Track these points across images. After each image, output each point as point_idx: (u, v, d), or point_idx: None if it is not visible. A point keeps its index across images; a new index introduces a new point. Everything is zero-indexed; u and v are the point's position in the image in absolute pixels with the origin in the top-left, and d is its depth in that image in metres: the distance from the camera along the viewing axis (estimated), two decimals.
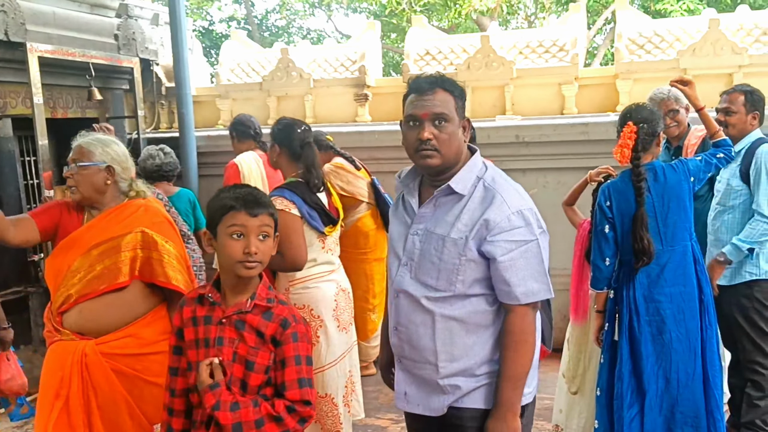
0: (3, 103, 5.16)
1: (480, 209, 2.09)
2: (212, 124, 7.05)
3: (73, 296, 2.73)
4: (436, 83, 2.11)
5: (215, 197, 2.12)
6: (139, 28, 6.42)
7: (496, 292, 2.12)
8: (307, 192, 3.39)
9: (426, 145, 2.07)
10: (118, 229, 2.78)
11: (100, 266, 2.72)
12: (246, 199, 2.06)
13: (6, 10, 4.90)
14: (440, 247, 2.10)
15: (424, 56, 6.57)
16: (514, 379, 2.10)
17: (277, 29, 21.69)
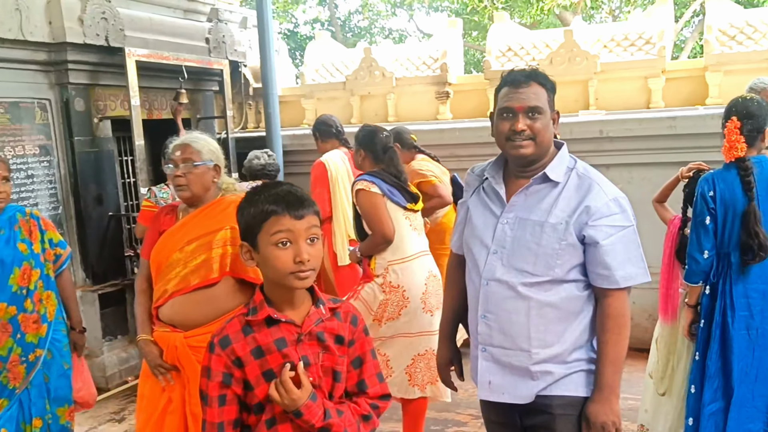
0: (103, 105, 5.45)
1: (577, 196, 2.16)
2: (297, 124, 7.24)
3: (169, 291, 2.85)
4: (530, 77, 2.18)
5: (249, 201, 1.81)
6: (229, 31, 6.65)
7: (591, 278, 2.18)
8: (384, 175, 3.66)
9: (520, 135, 2.15)
10: (211, 225, 2.87)
11: (193, 262, 2.83)
12: (288, 200, 1.76)
13: (107, 18, 5.18)
14: (538, 233, 2.15)
15: (506, 52, 6.56)
16: (617, 361, 2.15)
17: (359, 30, 21.95)
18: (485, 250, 2.26)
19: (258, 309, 1.82)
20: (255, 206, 1.78)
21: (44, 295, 3.39)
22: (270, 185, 1.85)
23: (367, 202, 3.56)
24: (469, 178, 2.45)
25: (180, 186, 2.88)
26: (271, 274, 1.79)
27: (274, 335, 1.80)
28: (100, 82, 5.37)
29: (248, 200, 1.82)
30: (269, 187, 1.83)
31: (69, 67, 5.04)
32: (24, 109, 4.91)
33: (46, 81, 5.05)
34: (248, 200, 1.82)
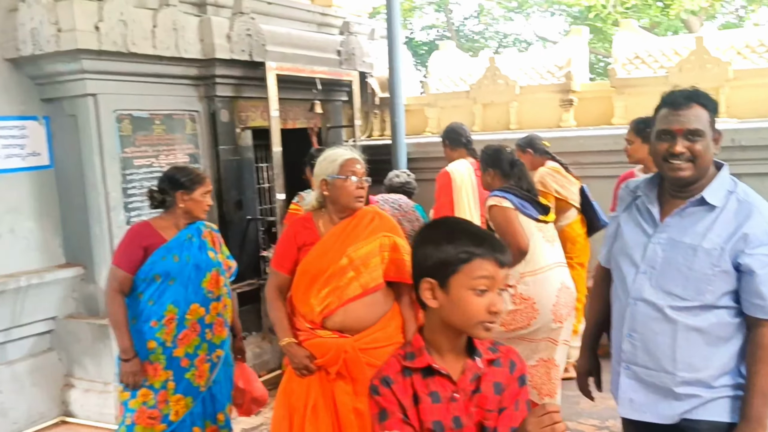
0: (245, 116, 5.83)
1: (735, 222, 2.11)
2: (420, 132, 7.42)
3: (342, 299, 3.01)
4: (691, 98, 2.15)
5: (445, 237, 1.67)
6: (358, 43, 6.93)
7: (744, 306, 2.13)
8: (517, 190, 3.77)
9: (678, 158, 2.14)
10: (366, 234, 3.08)
11: (358, 271, 3.02)
12: (493, 245, 1.64)
13: (251, 34, 5.55)
14: (690, 257, 2.13)
15: (633, 60, 6.50)
16: (765, 393, 2.10)
17: (474, 35, 21.97)
18: (634, 268, 2.25)
19: (416, 355, 1.71)
20: (455, 244, 1.63)
21: (228, 301, 3.70)
22: (458, 224, 1.76)
23: (501, 217, 3.67)
24: (623, 192, 2.44)
25: (360, 198, 3.09)
26: (457, 318, 1.65)
27: (430, 387, 1.69)
28: (243, 95, 5.75)
29: (443, 236, 1.67)
30: (460, 226, 1.73)
31: (216, 81, 5.43)
32: (177, 121, 5.34)
33: (196, 94, 5.47)
34: (443, 236, 1.67)
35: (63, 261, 5.12)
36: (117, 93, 4.88)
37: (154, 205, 3.54)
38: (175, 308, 3.47)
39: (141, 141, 5.08)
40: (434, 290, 1.66)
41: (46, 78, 4.83)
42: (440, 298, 1.66)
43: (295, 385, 3.11)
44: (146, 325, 3.44)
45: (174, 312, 3.47)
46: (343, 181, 3.05)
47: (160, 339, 3.45)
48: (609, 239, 2.49)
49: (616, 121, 6.34)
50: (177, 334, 3.48)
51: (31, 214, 4.93)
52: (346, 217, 3.11)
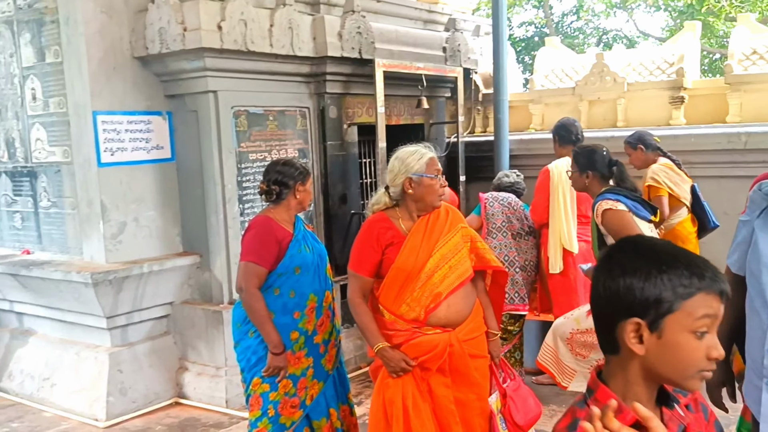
0: (352, 112, 5.96)
1: None
2: (523, 128, 7.38)
3: (443, 293, 3.05)
4: None
5: (650, 265, 1.31)
6: (463, 39, 6.96)
7: None
8: (623, 191, 3.63)
9: None
10: (448, 228, 3.14)
11: (451, 262, 3.08)
12: (715, 274, 1.32)
13: (361, 32, 5.67)
14: None
15: (751, 56, 6.26)
16: None
17: (573, 31, 21.57)
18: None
19: (614, 411, 1.23)
20: (670, 275, 1.28)
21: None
22: (648, 243, 1.41)
23: (618, 221, 3.51)
24: (756, 196, 2.31)
25: (442, 195, 3.15)
26: (669, 367, 1.32)
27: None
28: (351, 92, 5.88)
29: (652, 264, 1.31)
30: (658, 246, 1.39)
31: (327, 78, 5.59)
32: (288, 117, 5.52)
33: (306, 91, 5.64)
34: (652, 264, 1.31)
35: (181, 249, 5.39)
36: (235, 90, 5.09)
37: (271, 198, 3.61)
38: (315, 297, 3.59)
39: (255, 136, 5.28)
40: (641, 332, 1.32)
41: (170, 75, 5.09)
42: (648, 342, 1.31)
43: (391, 383, 3.09)
44: (288, 317, 3.53)
45: (314, 300, 3.59)
46: (430, 179, 3.07)
47: (302, 329, 3.56)
48: (741, 245, 2.37)
49: (731, 119, 6.12)
50: (317, 321, 3.61)
51: (153, 204, 5.21)
52: (423, 215, 3.14)
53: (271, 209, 3.62)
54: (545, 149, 6.02)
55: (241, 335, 3.60)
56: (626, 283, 1.31)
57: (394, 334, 3.07)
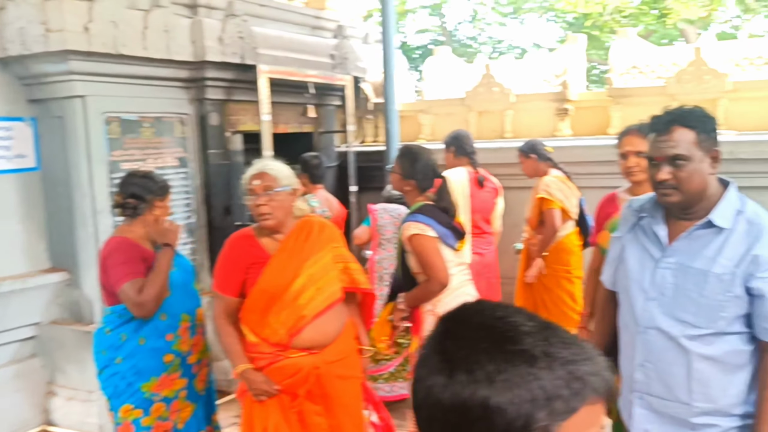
0: (235, 119, 5.74)
1: (745, 244, 2.03)
2: (414, 138, 7.34)
3: (308, 316, 2.91)
4: (673, 121, 2.07)
5: (510, 366, 0.86)
6: (351, 47, 6.85)
7: (756, 330, 2.05)
8: (437, 213, 3.43)
9: (663, 185, 2.07)
10: (318, 247, 2.98)
11: (318, 285, 2.94)
12: (601, 371, 0.88)
13: (243, 36, 5.46)
14: (701, 283, 2.04)
15: (630, 69, 6.45)
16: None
17: (468, 39, 21.94)
18: (642, 294, 2.17)
19: None
20: (545, 381, 0.83)
21: None
22: (497, 315, 0.90)
23: (424, 249, 3.33)
24: (626, 212, 2.36)
25: (263, 215, 2.89)
26: None
27: None
28: (233, 98, 5.66)
29: (515, 357, 0.84)
30: (514, 324, 0.88)
31: (207, 83, 5.35)
32: (166, 124, 5.24)
33: (186, 97, 5.38)
34: (515, 357, 0.84)
35: (48, 265, 5.00)
36: (106, 95, 4.77)
37: (126, 213, 3.36)
38: (188, 316, 3.42)
39: (129, 144, 4.98)
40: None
41: (33, 78, 4.72)
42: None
43: (255, 412, 3.00)
44: (161, 340, 3.33)
45: (187, 320, 3.42)
46: (250, 200, 2.93)
47: (177, 351, 3.38)
48: (613, 261, 2.39)
49: (613, 131, 6.27)
50: (191, 341, 3.44)
51: (15, 216, 4.81)
52: (285, 233, 2.98)
53: (125, 227, 3.37)
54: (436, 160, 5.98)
55: (106, 362, 3.36)
56: (480, 396, 0.83)
57: (257, 356, 2.96)
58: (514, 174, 5.50)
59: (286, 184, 2.93)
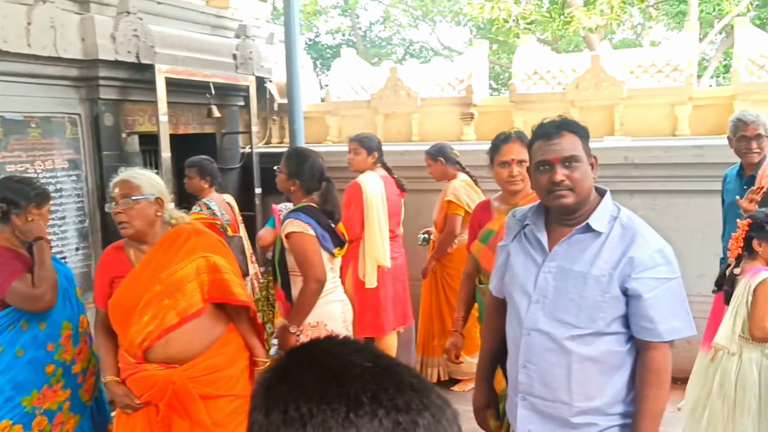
0: (132, 120, 5.51)
1: (621, 247, 2.12)
2: (321, 140, 7.26)
3: (155, 331, 2.81)
4: (561, 127, 2.18)
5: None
6: (255, 47, 6.70)
7: (633, 330, 2.14)
8: (319, 215, 3.47)
9: (559, 186, 2.13)
10: (179, 257, 2.85)
11: (173, 297, 2.81)
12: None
13: (138, 35, 5.23)
14: (581, 285, 2.12)
15: (532, 75, 6.56)
16: (656, 417, 2.13)
17: (380, 41, 22.01)
18: (527, 298, 2.24)
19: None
20: (399, 421, 0.74)
21: None
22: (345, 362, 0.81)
23: (301, 248, 3.38)
24: (510, 221, 2.44)
25: (122, 223, 2.82)
26: None
27: None
28: (130, 98, 5.42)
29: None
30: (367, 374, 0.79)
31: (100, 83, 5.09)
32: (55, 124, 4.96)
33: (77, 96, 5.11)
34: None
35: None
36: None
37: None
38: (70, 324, 3.27)
39: (14, 145, 4.68)
40: None
41: None
42: None
43: (122, 419, 2.96)
44: (42, 350, 3.17)
45: (69, 328, 3.27)
46: (109, 207, 2.87)
47: (59, 360, 3.22)
48: (500, 269, 2.45)
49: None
50: (74, 350, 3.29)
51: None
52: (148, 244, 2.89)
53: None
54: (342, 162, 5.93)
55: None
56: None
57: (123, 367, 2.94)
58: (421, 177, 5.50)
59: (148, 193, 2.82)
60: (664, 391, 2.14)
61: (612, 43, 14.77)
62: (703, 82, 12.92)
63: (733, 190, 4.16)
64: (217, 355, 2.92)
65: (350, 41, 20.59)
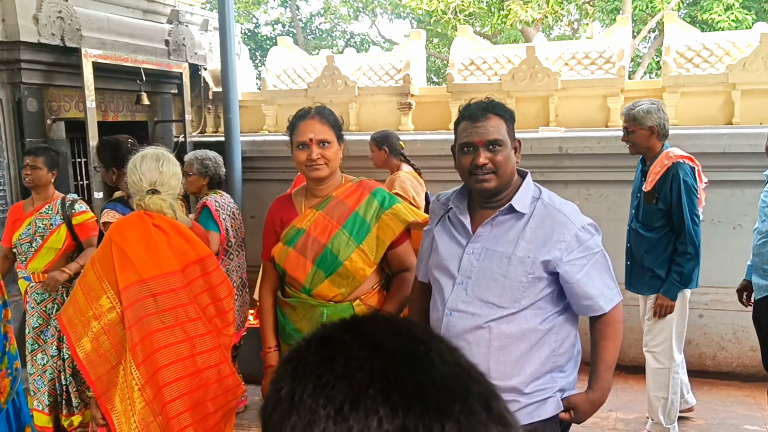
0: (57, 106, 5.31)
1: (544, 229, 2.15)
2: (257, 129, 7.14)
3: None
4: (487, 109, 2.18)
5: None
6: (189, 33, 6.54)
7: (576, 309, 2.22)
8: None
9: (482, 169, 2.14)
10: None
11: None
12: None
13: (63, 17, 5.04)
14: (504, 266, 2.14)
15: (469, 66, 6.58)
16: (612, 365, 2.24)
17: (321, 33, 21.86)
18: (451, 280, 2.24)
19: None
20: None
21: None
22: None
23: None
24: (434, 206, 2.44)
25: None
26: None
27: None
28: (55, 83, 5.23)
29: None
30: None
31: (22, 66, 4.90)
32: None
33: None
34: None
35: None
36: None
37: None
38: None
39: None
40: None
41: None
42: None
43: None
44: None
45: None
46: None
47: None
48: (425, 254, 2.45)
49: (453, 126, 6.37)
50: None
51: None
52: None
53: None
54: (279, 151, 5.85)
55: None
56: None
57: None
58: (361, 167, 5.44)
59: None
60: (618, 342, 2.25)
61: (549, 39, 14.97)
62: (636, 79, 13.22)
63: (636, 179, 4.26)
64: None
65: (290, 32, 20.39)
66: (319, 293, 2.63)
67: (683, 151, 4.02)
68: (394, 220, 2.65)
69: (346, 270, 2.59)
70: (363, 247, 2.60)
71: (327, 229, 2.61)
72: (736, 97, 5.61)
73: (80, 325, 2.72)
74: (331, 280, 2.60)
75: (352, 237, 2.61)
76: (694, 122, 5.74)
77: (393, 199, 2.71)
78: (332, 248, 2.58)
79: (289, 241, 2.66)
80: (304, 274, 2.61)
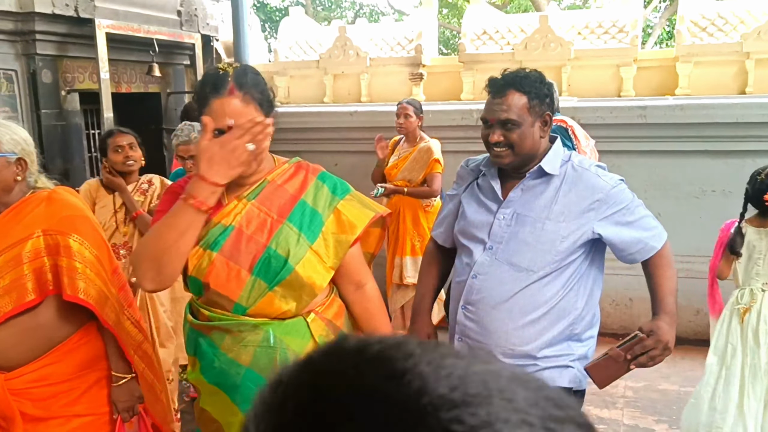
0: (71, 77, 5.34)
1: (576, 191, 2.14)
2: None
3: None
4: (507, 85, 2.14)
5: None
6: (201, 4, 6.54)
7: (629, 260, 2.22)
8: None
9: (497, 146, 2.15)
10: (17, 232, 2.16)
11: (1, 283, 2.13)
12: None
13: None
14: (538, 230, 2.14)
15: (481, 35, 6.55)
16: (674, 291, 2.21)
17: (330, 3, 21.71)
18: (481, 245, 2.24)
19: None
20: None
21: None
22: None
23: None
24: (462, 171, 2.43)
25: None
26: None
27: None
28: (69, 54, 5.25)
29: None
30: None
31: (37, 37, 4.91)
32: None
33: (12, 51, 4.92)
34: None
35: None
36: None
37: None
38: None
39: None
40: None
41: None
42: None
43: None
44: None
45: None
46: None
47: None
48: (447, 218, 2.45)
49: (465, 96, 6.37)
50: None
51: None
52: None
53: None
54: (291, 122, 5.86)
55: None
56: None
57: None
58: (371, 138, 5.46)
59: (8, 150, 2.14)
60: (675, 271, 2.23)
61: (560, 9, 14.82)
62: (647, 49, 13.11)
63: None
64: (48, 366, 2.23)
65: (299, 3, 20.25)
66: (260, 311, 1.97)
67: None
68: (353, 212, 2.04)
69: (297, 278, 1.94)
70: (316, 247, 1.97)
71: (265, 224, 1.95)
72: (750, 67, 5.58)
73: None
74: (276, 292, 1.95)
75: (303, 233, 1.96)
76: (707, 92, 5.72)
77: (344, 185, 2.09)
78: (277, 249, 1.93)
79: (213, 244, 1.95)
80: (238, 287, 1.94)
